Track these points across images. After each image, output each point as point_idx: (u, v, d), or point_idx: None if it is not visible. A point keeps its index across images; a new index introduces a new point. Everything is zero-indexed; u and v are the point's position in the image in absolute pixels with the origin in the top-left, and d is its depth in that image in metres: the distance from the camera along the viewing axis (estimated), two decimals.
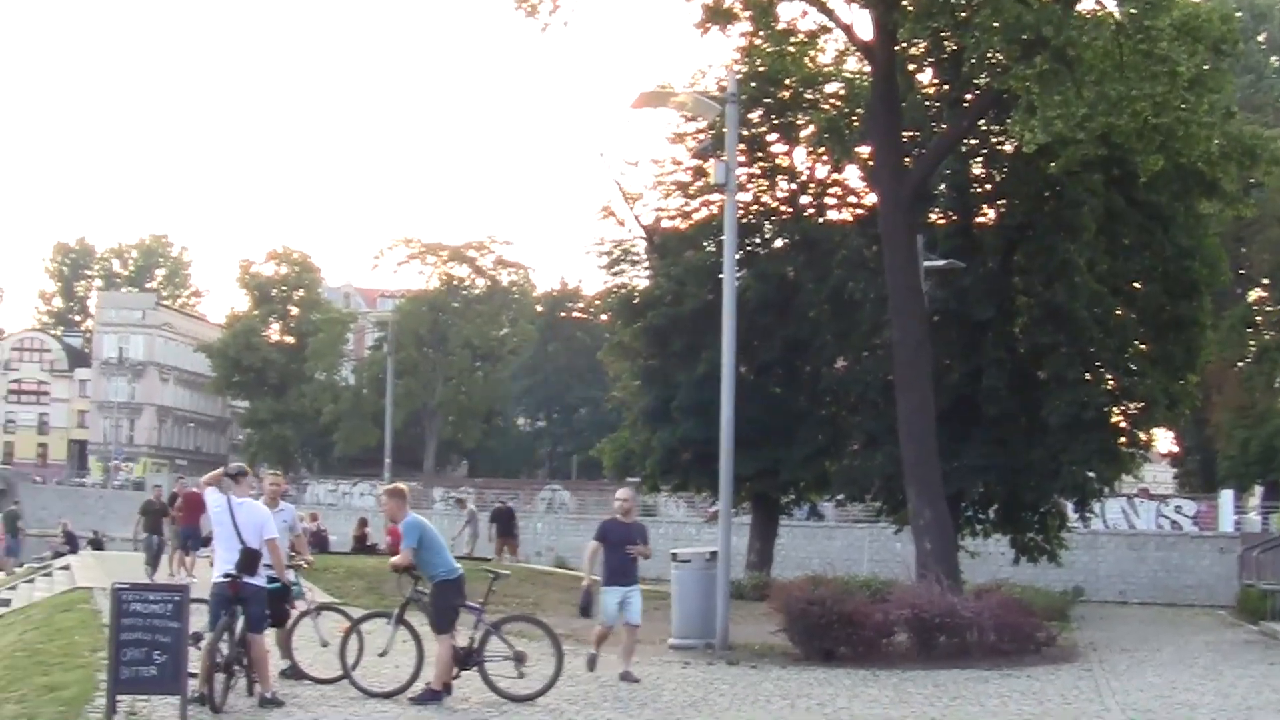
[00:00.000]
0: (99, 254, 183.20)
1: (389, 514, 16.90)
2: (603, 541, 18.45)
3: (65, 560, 38.83)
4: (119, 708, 13.88)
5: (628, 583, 18.31)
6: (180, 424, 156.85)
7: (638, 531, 18.87)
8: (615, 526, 18.67)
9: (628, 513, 18.95)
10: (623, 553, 18.27)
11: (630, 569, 18.38)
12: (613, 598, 18.24)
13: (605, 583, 18.32)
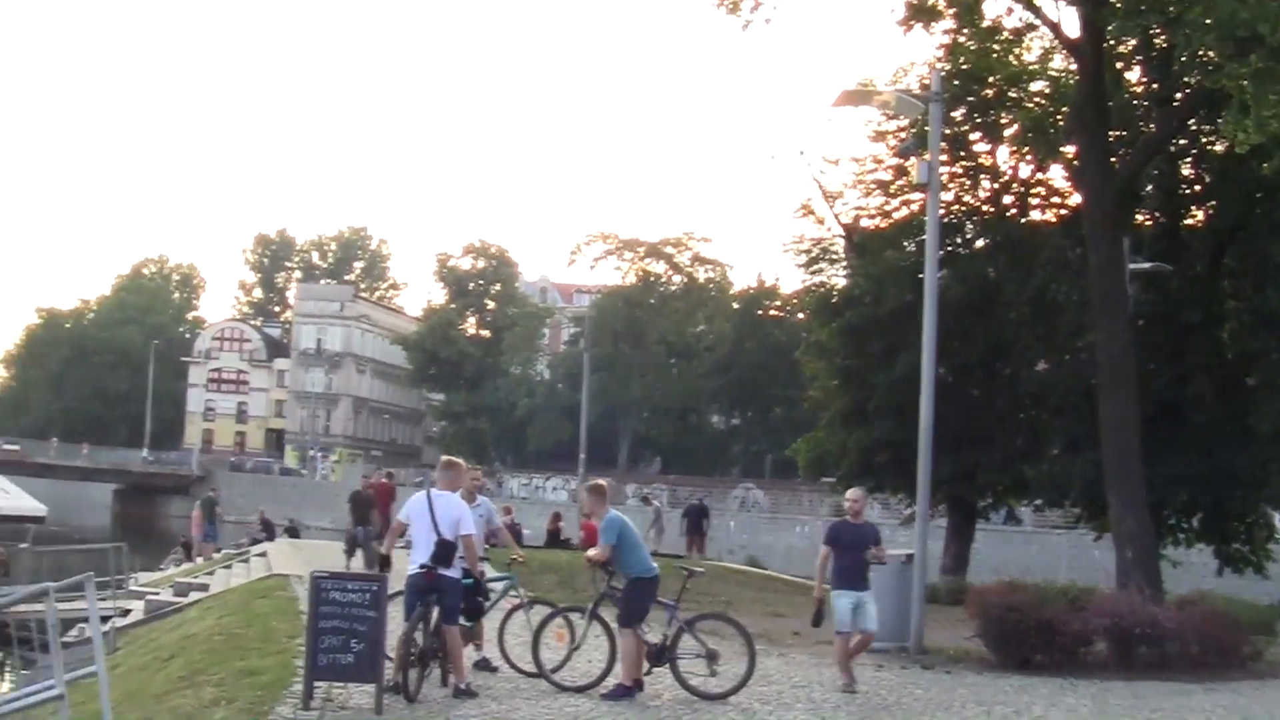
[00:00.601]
0: (299, 246, 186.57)
1: (589, 509, 16.83)
2: (834, 545, 17.79)
3: (262, 547, 39.47)
4: (315, 694, 14.04)
5: (861, 587, 17.62)
6: (375, 415, 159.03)
7: (871, 533, 18.17)
8: (847, 529, 18.08)
9: (859, 514, 18.32)
10: (856, 556, 17.62)
11: (864, 573, 17.72)
12: (846, 602, 17.51)
13: (836, 587, 17.66)
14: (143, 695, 16.84)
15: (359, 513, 31.29)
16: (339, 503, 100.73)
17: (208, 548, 44.69)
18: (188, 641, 21.69)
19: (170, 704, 15.23)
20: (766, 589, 32.36)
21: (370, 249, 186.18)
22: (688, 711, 14.98)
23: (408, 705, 14.24)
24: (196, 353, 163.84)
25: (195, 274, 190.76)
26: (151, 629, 27.18)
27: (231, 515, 52.27)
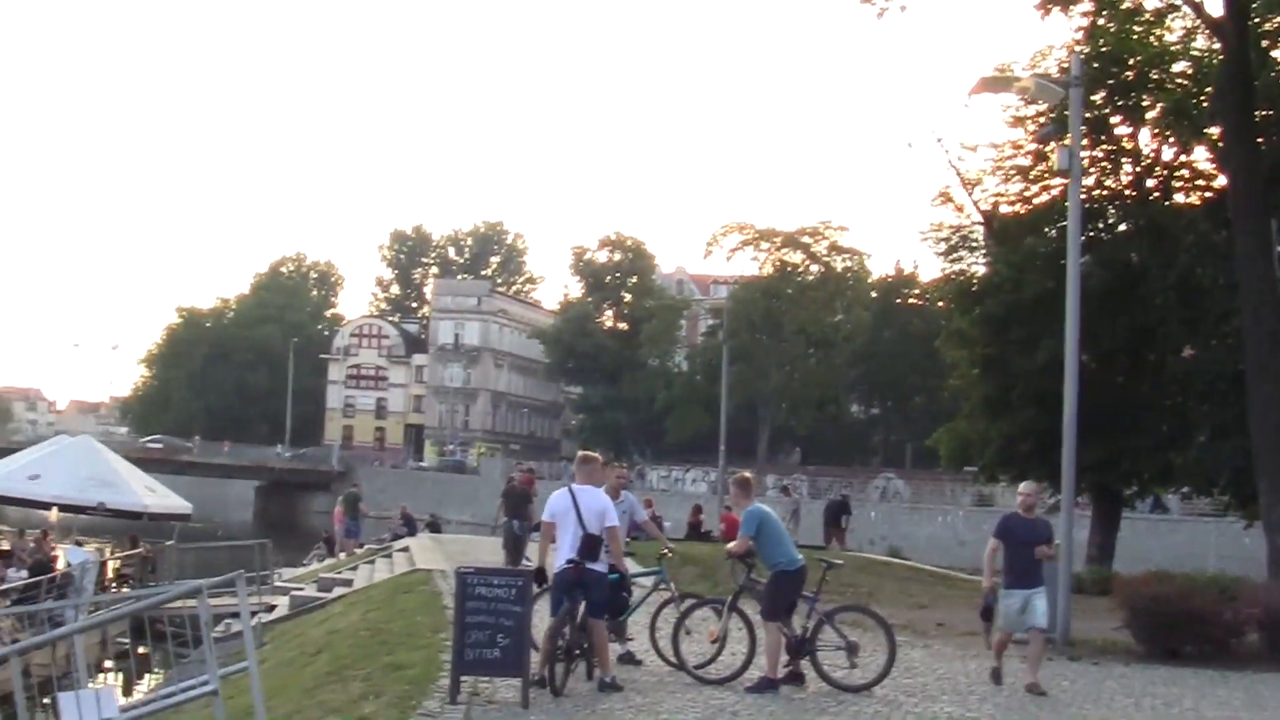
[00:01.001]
0: (435, 241, 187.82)
1: (734, 502, 16.77)
2: (1004, 539, 17.14)
3: (404, 542, 39.74)
4: (462, 688, 14.11)
5: (1031, 584, 16.95)
6: (514, 409, 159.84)
7: (1043, 529, 17.47)
8: (1018, 523, 17.35)
9: (1030, 508, 17.56)
10: (1026, 552, 16.95)
11: (1034, 570, 17.08)
12: (1014, 601, 16.89)
13: (1006, 585, 17.06)
14: (291, 690, 17.03)
15: (513, 506, 30.44)
16: (479, 497, 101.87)
17: (350, 543, 45.10)
18: (334, 637, 21.92)
19: (319, 698, 15.39)
20: (909, 580, 32.10)
21: (506, 243, 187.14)
22: (830, 703, 14.92)
23: (553, 699, 14.30)
24: (335, 349, 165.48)
25: (333, 271, 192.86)
26: (296, 624, 27.50)
27: (372, 511, 52.64)
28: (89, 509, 36.87)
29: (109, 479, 36.67)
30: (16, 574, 31.00)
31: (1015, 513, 17.68)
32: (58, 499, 37.04)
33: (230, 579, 13.36)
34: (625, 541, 16.85)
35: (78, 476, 36.38)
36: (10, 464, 39.61)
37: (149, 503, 37.06)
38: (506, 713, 13.62)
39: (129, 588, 34.70)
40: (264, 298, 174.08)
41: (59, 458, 38.16)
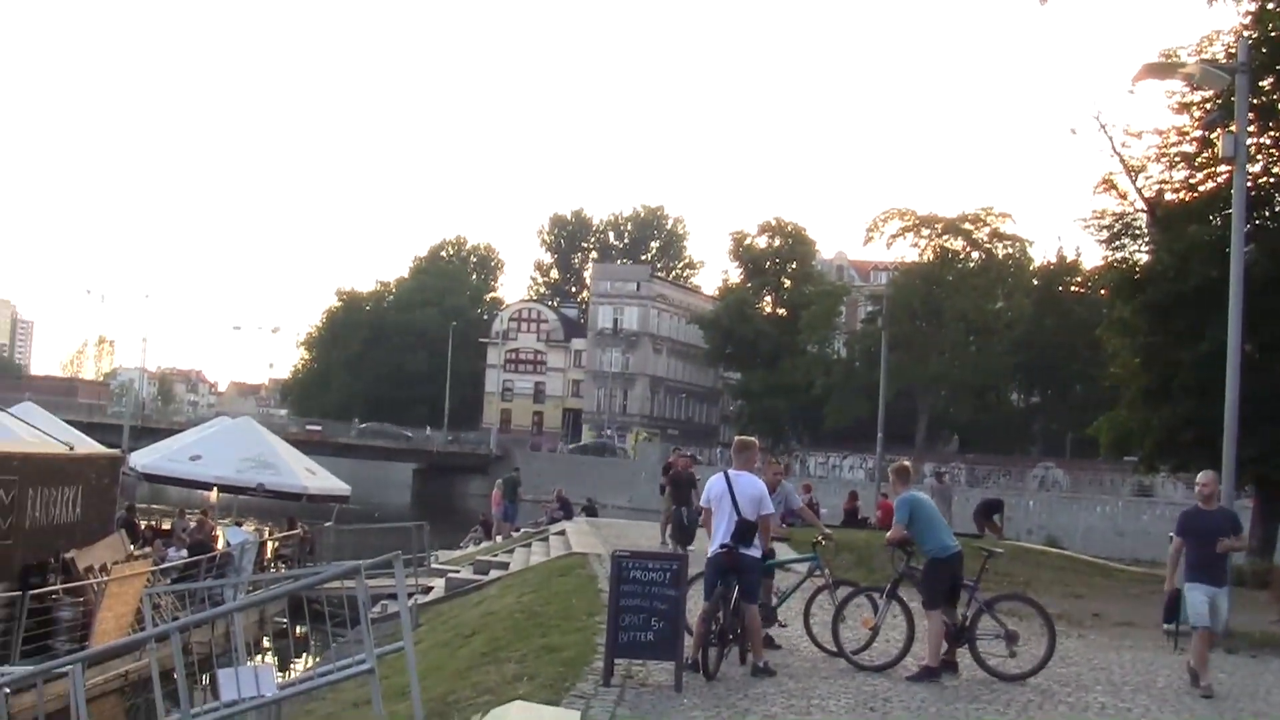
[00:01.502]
0: (595, 226, 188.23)
1: (893, 489, 16.69)
2: (1185, 534, 16.46)
3: (560, 526, 39.94)
4: (616, 671, 14.20)
5: (1215, 582, 16.17)
6: (672, 395, 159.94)
7: (1225, 519, 16.69)
8: (1198, 515, 16.55)
9: (1210, 497, 16.67)
10: (1209, 545, 16.14)
11: (1218, 564, 16.36)
12: (1200, 595, 16.06)
13: (1189, 580, 16.29)
14: (446, 670, 17.21)
15: (679, 492, 29.92)
16: (636, 482, 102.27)
17: (507, 526, 45.41)
18: (489, 619, 22.11)
19: (473, 679, 15.53)
20: (1065, 570, 31.79)
21: (666, 228, 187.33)
22: (986, 692, 14.81)
23: (707, 683, 14.35)
24: (494, 334, 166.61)
25: (493, 255, 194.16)
26: (452, 606, 27.76)
27: (529, 494, 53.01)
28: (249, 490, 37.43)
29: (269, 460, 37.17)
30: (177, 553, 31.56)
31: (1195, 506, 16.95)
32: (218, 480, 37.63)
33: (388, 560, 13.51)
34: (781, 527, 16.85)
35: (238, 458, 36.91)
36: (172, 445, 40.30)
37: (308, 484, 37.54)
38: (660, 696, 13.67)
39: (287, 568, 35.24)
40: (424, 281, 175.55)
41: (220, 439, 38.76)
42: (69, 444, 30.45)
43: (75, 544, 25.78)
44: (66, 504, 26.28)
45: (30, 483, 24.78)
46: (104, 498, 28.73)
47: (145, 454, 39.67)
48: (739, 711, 13.06)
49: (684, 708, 13.14)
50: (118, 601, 24.63)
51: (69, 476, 26.86)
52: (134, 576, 25.50)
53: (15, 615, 22.10)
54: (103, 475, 29.01)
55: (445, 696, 14.72)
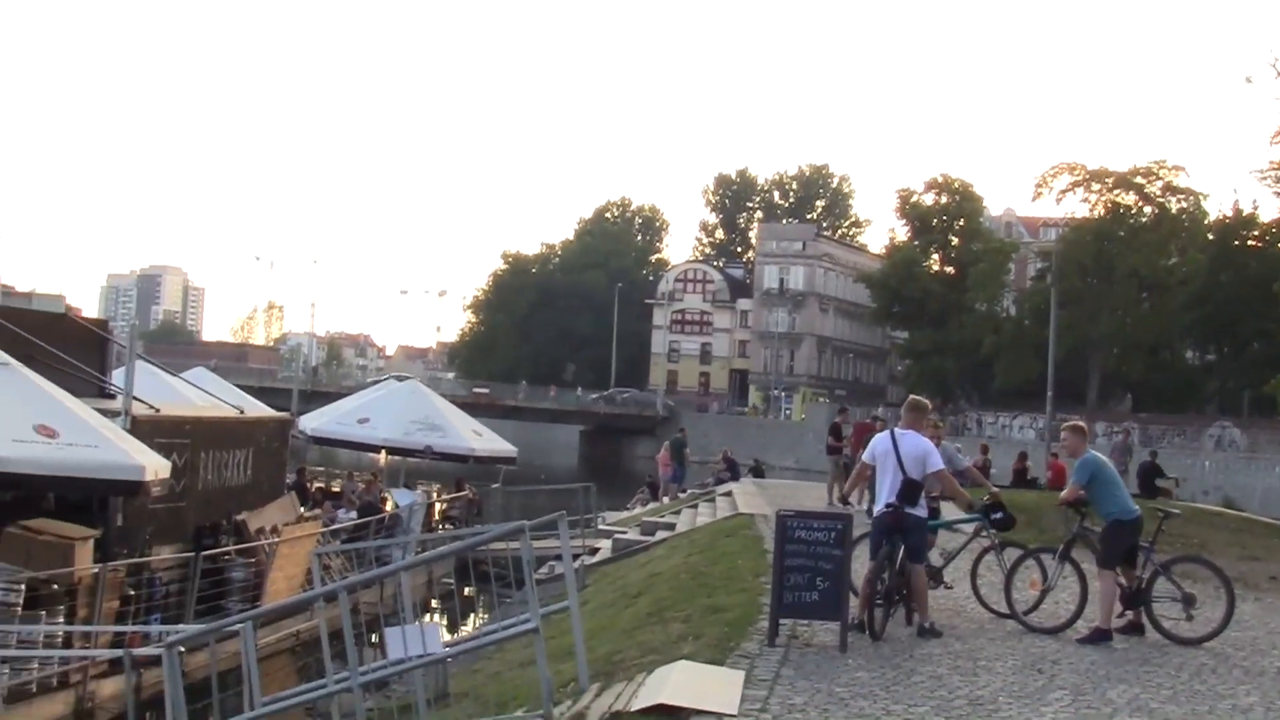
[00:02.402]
0: (760, 185, 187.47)
1: (1069, 449, 16.33)
2: None
3: (727, 487, 39.82)
4: (781, 631, 14.10)
5: None
6: (839, 355, 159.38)
7: None
8: None
9: None
10: None
11: None
12: None
13: None
14: (611, 630, 17.22)
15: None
16: (803, 443, 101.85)
17: (674, 488, 45.41)
18: (655, 579, 22.11)
19: (638, 639, 15.52)
20: (1242, 532, 31.02)
21: (832, 186, 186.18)
22: (1155, 654, 14.46)
23: (872, 643, 14.21)
24: (660, 295, 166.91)
25: (658, 216, 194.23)
26: (618, 567, 27.82)
27: (696, 456, 52.96)
28: (417, 452, 37.66)
29: (437, 423, 37.37)
30: (346, 515, 31.90)
31: None
32: (386, 442, 37.93)
33: (552, 520, 13.53)
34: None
35: (406, 420, 37.15)
36: (340, 408, 40.69)
37: (475, 446, 37.72)
38: (824, 656, 13.54)
39: (454, 529, 35.48)
40: (589, 243, 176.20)
41: (388, 402, 39.04)
42: (240, 408, 30.88)
43: (247, 506, 26.18)
44: (238, 467, 26.69)
45: (203, 446, 25.18)
46: (274, 460, 29.16)
47: (314, 417, 40.13)
48: (904, 672, 12.90)
49: (849, 668, 13.01)
50: (288, 562, 24.96)
51: (240, 440, 27.28)
52: (304, 538, 25.82)
53: (189, 576, 22.46)
54: (273, 438, 29.44)
55: (610, 656, 14.72)
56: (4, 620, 17.80)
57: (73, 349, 24.44)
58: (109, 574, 19.95)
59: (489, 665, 17.72)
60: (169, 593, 22.29)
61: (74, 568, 19.51)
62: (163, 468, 20.15)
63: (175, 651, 13.71)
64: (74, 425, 18.78)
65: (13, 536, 19.52)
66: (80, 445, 18.44)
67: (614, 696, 12.05)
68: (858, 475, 15.73)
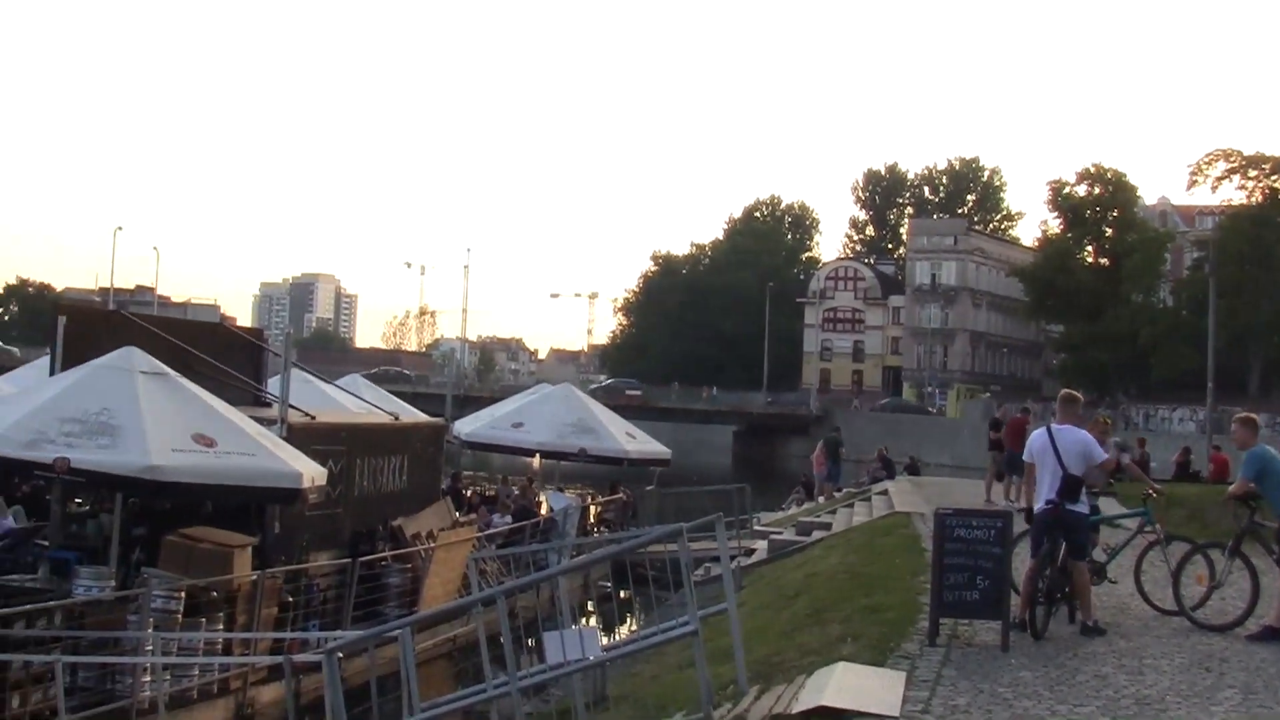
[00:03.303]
0: (910, 180, 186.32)
1: (1238, 442, 15.90)
2: None
3: (883, 485, 39.48)
4: (941, 630, 13.94)
5: None
6: (993, 349, 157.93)
7: None
8: None
9: None
10: None
11: None
12: None
13: None
14: (769, 632, 17.10)
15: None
16: (958, 439, 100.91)
17: (829, 487, 45.08)
18: (812, 580, 21.96)
19: (797, 640, 15.41)
20: None
21: (982, 180, 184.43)
22: None
23: (1034, 642, 14.00)
24: (811, 293, 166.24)
25: (808, 213, 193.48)
26: (774, 568, 27.66)
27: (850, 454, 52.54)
28: (570, 455, 37.71)
29: (590, 426, 37.38)
30: (501, 519, 32.02)
31: None
32: (540, 446, 38.01)
33: (709, 522, 13.49)
34: (1108, 482, 16.32)
35: (560, 424, 37.20)
36: (494, 412, 40.85)
37: (629, 449, 37.69)
38: (986, 655, 13.36)
39: (609, 532, 35.48)
40: (739, 242, 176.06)
41: (541, 406, 39.11)
42: (395, 414, 31.11)
43: (403, 512, 26.33)
44: (393, 473, 26.87)
45: (358, 453, 25.39)
46: (429, 466, 29.31)
47: (468, 422, 40.33)
48: (1069, 671, 12.68)
49: (1011, 667, 12.82)
50: (444, 567, 25.05)
51: (395, 446, 27.45)
52: (460, 543, 25.91)
53: (346, 582, 22.64)
54: (428, 444, 29.60)
55: (769, 658, 14.62)
56: (165, 627, 18.02)
57: (228, 358, 24.77)
58: (267, 581, 20.16)
59: (646, 668, 17.66)
60: (326, 599, 22.49)
61: (233, 575, 19.73)
62: (319, 475, 20.33)
63: (335, 657, 13.80)
64: (232, 434, 18.99)
65: (173, 545, 19.78)
66: (238, 454, 18.64)
67: (774, 699, 11.95)
68: (1026, 478, 15.41)
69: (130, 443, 17.77)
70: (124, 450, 17.68)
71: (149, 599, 17.94)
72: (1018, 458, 28.96)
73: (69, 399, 18.57)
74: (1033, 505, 14.94)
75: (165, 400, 19.06)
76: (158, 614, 18.01)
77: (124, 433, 17.88)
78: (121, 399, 18.47)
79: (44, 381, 22.69)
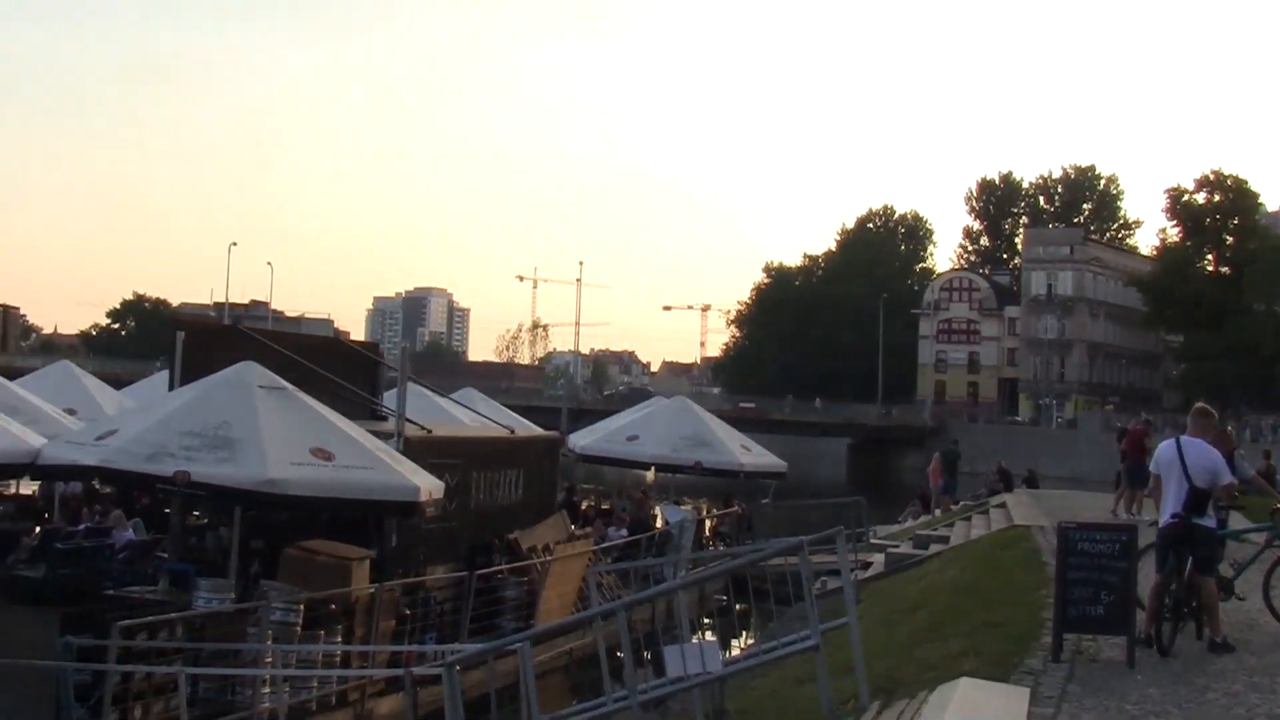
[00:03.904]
0: (1024, 189, 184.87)
1: None
2: None
3: (1001, 498, 39.12)
4: (1065, 646, 13.72)
5: None
6: (1111, 360, 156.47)
7: None
8: None
9: None
10: None
11: None
12: None
13: None
14: (888, 646, 16.95)
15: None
16: (1076, 451, 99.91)
17: (946, 500, 44.74)
18: (930, 594, 21.79)
19: (917, 655, 15.27)
20: None
21: (1098, 189, 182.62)
22: None
23: (1161, 659, 13.71)
24: (925, 304, 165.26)
25: (922, 223, 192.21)
26: (892, 581, 27.47)
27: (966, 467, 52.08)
28: (686, 468, 37.67)
29: (705, 439, 37.34)
30: (616, 533, 32.02)
31: None
32: (656, 459, 38.01)
33: (830, 535, 13.40)
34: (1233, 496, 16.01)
35: (674, 437, 37.17)
36: (609, 425, 40.90)
37: (745, 462, 37.60)
38: (1111, 672, 13.12)
39: (725, 546, 35.38)
40: (852, 253, 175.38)
41: (656, 419, 39.11)
42: (510, 428, 31.19)
43: (519, 525, 26.39)
44: (509, 486, 26.95)
45: (474, 466, 25.47)
46: (545, 479, 29.38)
47: (583, 435, 40.44)
48: (1197, 689, 12.43)
49: (1138, 684, 12.58)
50: (561, 580, 25.08)
51: (511, 459, 27.53)
52: (576, 556, 25.93)
53: (463, 595, 22.69)
54: (543, 457, 29.68)
55: (889, 672, 14.47)
56: (284, 639, 18.14)
57: (344, 371, 24.94)
58: (385, 594, 20.25)
59: (763, 682, 17.54)
60: (443, 611, 22.56)
61: (351, 588, 19.83)
62: (436, 488, 20.41)
63: (455, 670, 13.84)
64: (349, 448, 19.11)
65: (292, 558, 19.93)
66: (356, 467, 18.77)
67: (896, 714, 11.86)
68: (1153, 489, 15.18)
69: (249, 456, 17.94)
70: (243, 464, 17.85)
71: (268, 611, 18.10)
72: (1137, 469, 28.72)
73: (189, 413, 18.77)
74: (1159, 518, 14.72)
75: (283, 414, 19.21)
76: (276, 626, 18.16)
77: (243, 446, 18.05)
78: (240, 413, 18.65)
79: (164, 396, 22.99)
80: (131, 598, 18.67)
